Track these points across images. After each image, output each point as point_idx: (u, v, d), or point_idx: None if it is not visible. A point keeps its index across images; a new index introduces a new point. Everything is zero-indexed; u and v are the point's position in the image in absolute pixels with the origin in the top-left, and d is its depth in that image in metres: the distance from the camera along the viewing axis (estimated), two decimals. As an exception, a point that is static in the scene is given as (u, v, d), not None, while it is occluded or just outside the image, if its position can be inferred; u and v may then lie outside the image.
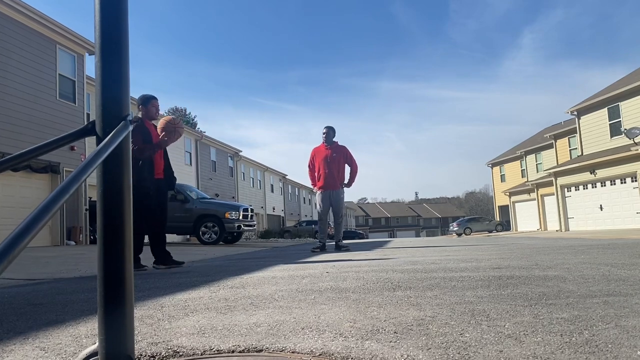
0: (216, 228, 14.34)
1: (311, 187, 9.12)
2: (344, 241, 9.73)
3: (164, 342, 1.72)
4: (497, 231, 35.92)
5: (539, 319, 1.88)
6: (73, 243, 14.45)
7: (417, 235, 77.78)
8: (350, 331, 1.78)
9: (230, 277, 3.94)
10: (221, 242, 14.62)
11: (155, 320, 2.13)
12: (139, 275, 4.62)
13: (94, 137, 1.32)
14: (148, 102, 5.82)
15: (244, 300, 2.63)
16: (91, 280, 4.14)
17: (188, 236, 18.32)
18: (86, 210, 15.21)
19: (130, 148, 1.43)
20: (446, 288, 2.83)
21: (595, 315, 1.92)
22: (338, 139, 8.93)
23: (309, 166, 8.97)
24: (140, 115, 5.82)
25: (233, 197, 31.51)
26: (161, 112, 5.94)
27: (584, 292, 2.49)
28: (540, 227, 30.34)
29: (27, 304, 2.83)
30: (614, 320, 1.81)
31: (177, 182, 6.27)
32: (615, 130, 22.29)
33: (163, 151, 5.92)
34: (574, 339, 1.55)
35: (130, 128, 1.38)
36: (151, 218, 5.73)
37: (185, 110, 56.47)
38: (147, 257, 5.60)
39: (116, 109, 1.36)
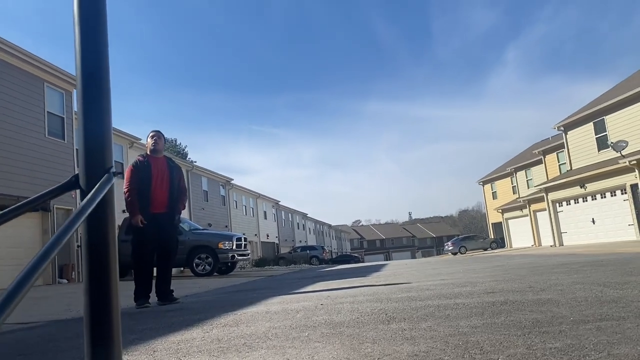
0: (210, 259, 14.20)
1: (304, 212, 9.06)
2: (341, 266, 9.66)
3: (155, 393, 1.70)
4: (492, 249, 35.90)
5: (532, 350, 1.87)
6: (65, 281, 14.27)
7: (413, 256, 77.50)
8: (344, 372, 1.77)
9: (224, 314, 3.91)
10: (215, 273, 14.49)
11: (147, 368, 2.11)
12: (131, 315, 4.57)
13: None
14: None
15: (237, 341, 2.60)
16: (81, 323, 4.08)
17: (182, 268, 18.14)
18: (78, 247, 15.05)
19: (114, 201, 1.42)
20: (440, 318, 2.82)
21: (588, 343, 1.92)
22: (328, 160, 8.96)
23: None
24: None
25: (226, 226, 31.35)
26: (150, 143, 5.99)
27: (577, 317, 2.49)
28: (535, 243, 30.39)
29: (17, 353, 2.79)
30: (606, 349, 1.81)
31: None
32: (602, 143, 22.56)
33: (167, 184, 5.87)
34: (566, 372, 1.55)
35: (114, 180, 1.39)
36: (148, 253, 5.73)
37: (175, 140, 56.53)
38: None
39: (99, 162, 1.37)
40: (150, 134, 5.92)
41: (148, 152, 5.90)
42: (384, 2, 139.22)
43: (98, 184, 1.31)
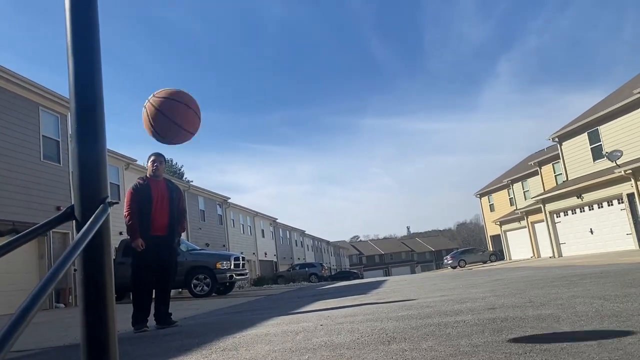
0: (208, 280, 14.10)
1: (302, 229, 9.04)
2: (340, 283, 9.60)
3: None
4: (491, 261, 35.79)
5: (534, 370, 1.86)
6: (62, 306, 14.14)
7: (412, 271, 77.08)
8: (345, 398, 1.75)
9: (223, 337, 3.87)
10: (214, 294, 14.38)
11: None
12: (129, 340, 4.52)
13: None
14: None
15: (236, 366, 2.57)
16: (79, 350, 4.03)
17: (180, 289, 18.01)
18: (74, 270, 14.95)
19: (110, 230, 1.42)
20: (441, 337, 2.80)
21: (590, 361, 1.90)
22: (325, 176, 8.97)
23: None
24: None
25: (224, 246, 31.22)
26: (151, 168, 5.93)
27: (578, 334, 2.47)
28: (534, 255, 30.34)
29: (13, 384, 2.75)
30: (608, 367, 1.79)
31: None
32: (597, 154, 22.67)
33: (167, 206, 5.83)
34: (569, 392, 1.54)
35: (109, 211, 1.38)
36: (145, 276, 5.67)
37: (171, 160, 56.58)
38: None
39: (94, 192, 1.36)
40: (152, 158, 5.87)
41: (148, 176, 5.88)
42: (376, 17, 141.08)
43: (94, 216, 1.31)
